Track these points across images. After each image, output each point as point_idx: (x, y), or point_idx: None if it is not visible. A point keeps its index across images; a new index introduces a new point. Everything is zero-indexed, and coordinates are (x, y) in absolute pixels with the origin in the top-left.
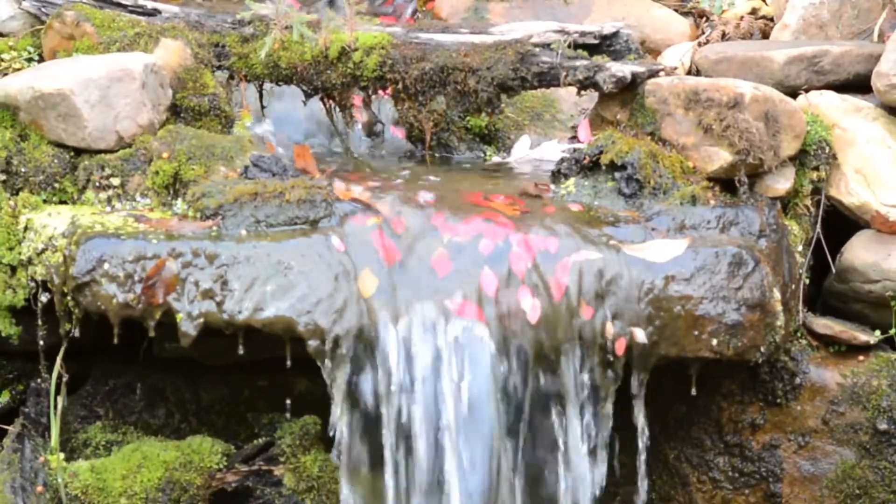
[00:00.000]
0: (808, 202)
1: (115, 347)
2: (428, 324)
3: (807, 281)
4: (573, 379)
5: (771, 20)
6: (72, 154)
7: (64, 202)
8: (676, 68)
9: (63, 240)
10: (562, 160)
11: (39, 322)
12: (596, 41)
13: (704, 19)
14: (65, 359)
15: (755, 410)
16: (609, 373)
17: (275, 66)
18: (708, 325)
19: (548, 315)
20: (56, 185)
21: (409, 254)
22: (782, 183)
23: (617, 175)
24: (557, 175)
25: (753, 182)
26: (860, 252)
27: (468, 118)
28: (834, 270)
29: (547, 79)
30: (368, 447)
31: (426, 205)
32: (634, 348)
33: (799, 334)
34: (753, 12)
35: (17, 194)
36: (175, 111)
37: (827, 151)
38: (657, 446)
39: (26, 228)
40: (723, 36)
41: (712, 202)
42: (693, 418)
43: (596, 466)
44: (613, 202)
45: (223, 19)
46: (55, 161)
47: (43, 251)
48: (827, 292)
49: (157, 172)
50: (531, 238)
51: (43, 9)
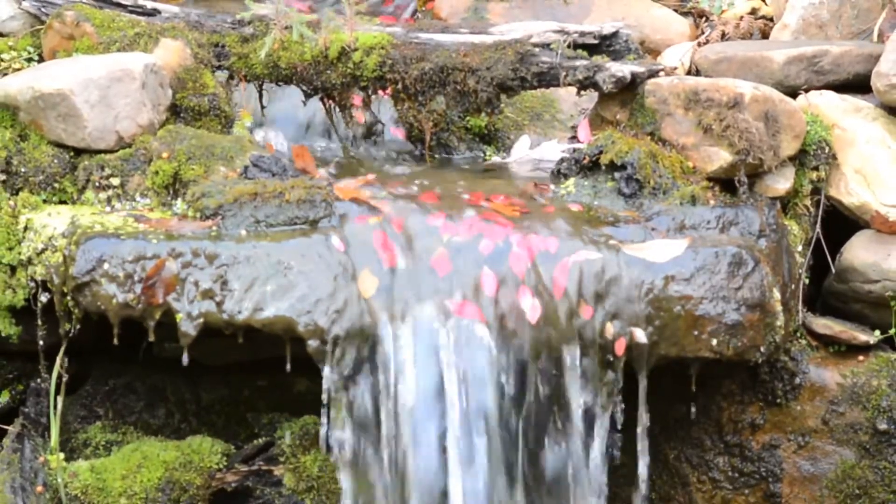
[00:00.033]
0: (808, 202)
1: (115, 347)
2: (428, 324)
3: (807, 281)
4: (573, 379)
5: (771, 20)
6: (72, 154)
7: (64, 202)
8: (676, 68)
9: (63, 240)
10: (561, 160)
11: (39, 322)
12: (596, 41)
13: (704, 19)
14: (65, 359)
15: (755, 410)
16: (609, 373)
17: (275, 66)
18: (708, 325)
19: (548, 315)
20: (56, 185)
21: (409, 254)
22: (782, 183)
23: (617, 175)
24: (557, 175)
25: (753, 182)
26: (860, 252)
27: (468, 118)
28: (834, 270)
29: (547, 79)
30: (368, 447)
31: (426, 205)
32: (634, 348)
33: (799, 334)
34: (753, 12)
35: (17, 194)
36: (175, 111)
37: (827, 151)
38: (657, 446)
39: (26, 228)
40: (722, 36)
41: (712, 202)
42: (693, 418)
43: (596, 466)
44: (613, 202)
45: (223, 19)
46: (55, 161)
47: (43, 251)
48: (827, 292)
49: (157, 172)
50: (531, 238)
51: (43, 9)
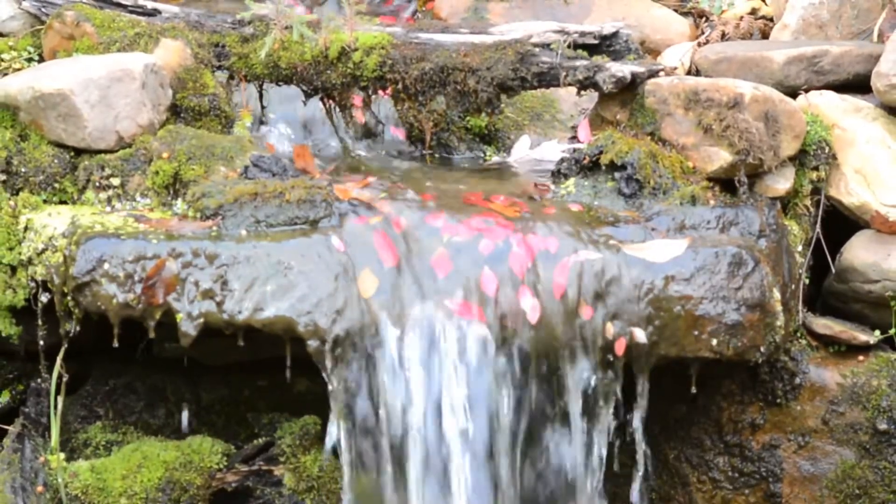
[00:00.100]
0: (808, 202)
1: (116, 347)
2: (428, 324)
3: (807, 281)
4: (573, 379)
5: (771, 20)
6: (72, 154)
7: (64, 202)
8: (676, 68)
9: (63, 240)
10: (562, 160)
11: (39, 322)
12: (596, 41)
13: (704, 19)
14: (65, 359)
15: (755, 410)
16: (609, 372)
17: (275, 66)
18: (708, 325)
19: (548, 315)
20: (56, 185)
21: (409, 254)
22: (782, 183)
23: (617, 175)
24: (557, 175)
25: (753, 182)
26: (860, 252)
27: (468, 118)
28: (834, 270)
29: (547, 79)
30: (367, 446)
31: (426, 205)
32: (634, 348)
33: (799, 334)
34: (753, 12)
35: (18, 194)
36: (175, 111)
37: (827, 151)
38: (657, 446)
39: (26, 228)
40: (722, 36)
41: (712, 202)
42: (693, 418)
43: (596, 466)
44: (613, 202)
45: (223, 19)
46: (55, 161)
47: (43, 251)
48: (827, 292)
49: (157, 172)
50: (531, 238)
51: (43, 9)
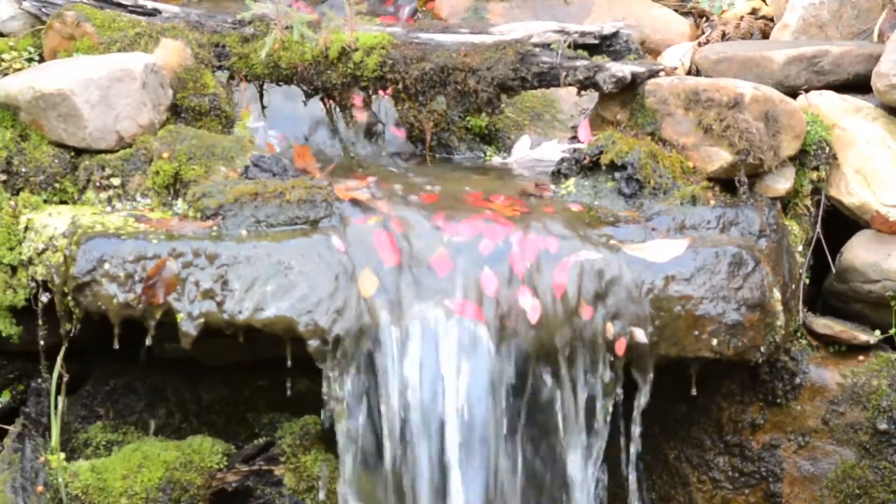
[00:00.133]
0: (808, 202)
1: (116, 348)
2: (428, 324)
3: (807, 281)
4: (573, 379)
5: (771, 20)
6: (72, 154)
7: (64, 202)
8: (676, 68)
9: (63, 240)
10: (562, 160)
11: (40, 322)
12: (596, 41)
13: (704, 19)
14: (65, 359)
15: (755, 410)
16: (609, 372)
17: (275, 66)
18: (708, 325)
19: (548, 315)
20: (56, 185)
21: (410, 254)
22: (782, 183)
23: (617, 175)
24: (557, 175)
25: (753, 182)
26: (860, 252)
27: (468, 118)
28: (834, 270)
29: (547, 79)
30: (367, 446)
31: (426, 205)
32: (634, 348)
33: (799, 334)
34: (753, 12)
35: (18, 194)
36: (175, 111)
37: (827, 151)
38: (657, 446)
39: (27, 228)
40: (723, 36)
41: (712, 202)
42: (693, 418)
43: (596, 466)
44: (613, 202)
45: (223, 19)
46: (55, 161)
47: (43, 251)
48: (827, 292)
49: (158, 172)
50: (531, 238)
51: (43, 9)
